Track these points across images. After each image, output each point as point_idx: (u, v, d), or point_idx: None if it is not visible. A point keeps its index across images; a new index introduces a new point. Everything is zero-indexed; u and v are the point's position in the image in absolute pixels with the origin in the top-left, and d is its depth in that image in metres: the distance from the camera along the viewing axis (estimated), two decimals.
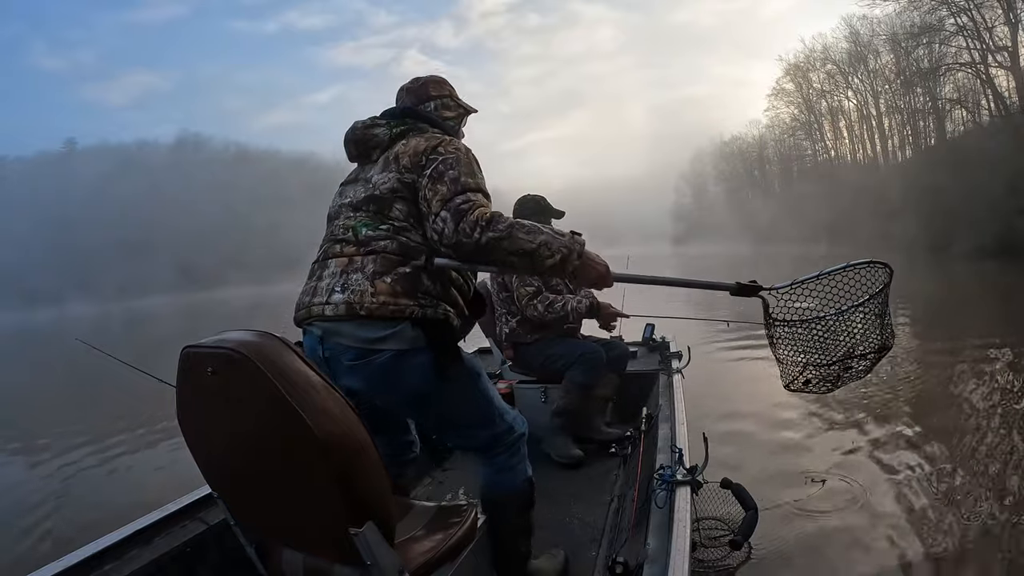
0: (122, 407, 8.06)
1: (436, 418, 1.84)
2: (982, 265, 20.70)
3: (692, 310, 10.69)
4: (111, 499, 4.99)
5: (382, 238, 1.67)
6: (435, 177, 1.66)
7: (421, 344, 1.64)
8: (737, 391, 5.94)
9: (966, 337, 7.84)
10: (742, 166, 73.32)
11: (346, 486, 1.17)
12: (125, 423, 7.37)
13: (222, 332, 1.26)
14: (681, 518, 1.74)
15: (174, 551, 1.78)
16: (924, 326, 10.13)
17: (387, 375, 1.64)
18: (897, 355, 6.61)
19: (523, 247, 1.56)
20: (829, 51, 51.56)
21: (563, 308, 3.27)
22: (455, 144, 1.75)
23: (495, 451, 1.85)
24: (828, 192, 47.60)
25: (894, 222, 32.07)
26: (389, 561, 1.25)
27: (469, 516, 1.63)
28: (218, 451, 1.36)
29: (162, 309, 42.07)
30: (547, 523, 2.55)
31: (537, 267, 1.61)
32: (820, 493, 3.45)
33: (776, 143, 65.69)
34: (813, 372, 1.85)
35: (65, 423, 8.14)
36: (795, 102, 59.03)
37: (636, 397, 3.61)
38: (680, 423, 2.57)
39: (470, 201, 1.60)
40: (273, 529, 1.43)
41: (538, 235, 1.58)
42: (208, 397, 1.26)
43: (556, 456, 3.20)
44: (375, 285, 1.61)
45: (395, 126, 1.86)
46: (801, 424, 4.74)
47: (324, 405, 1.16)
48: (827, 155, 56.79)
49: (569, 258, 1.60)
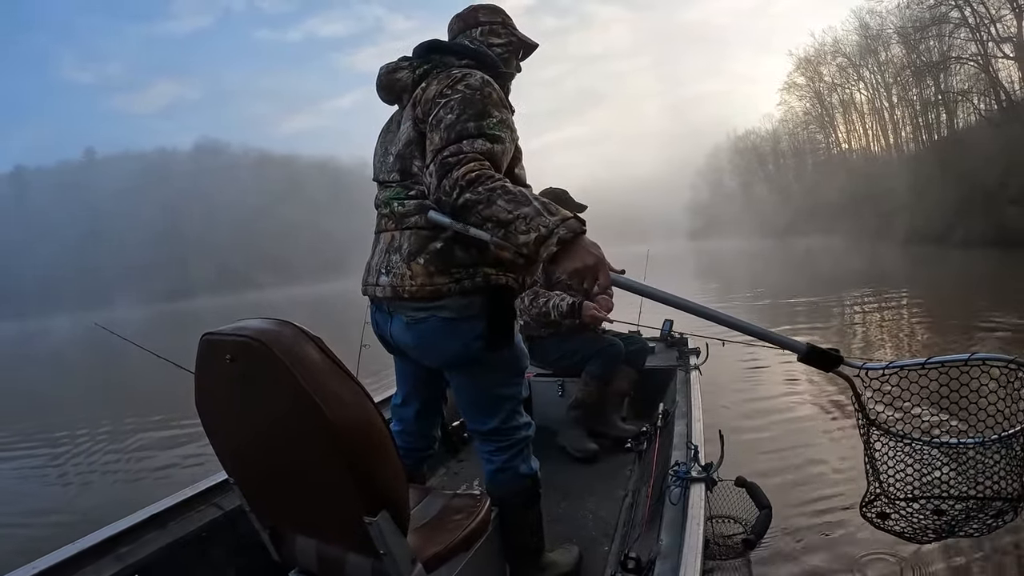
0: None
1: (466, 391, 1.82)
2: (975, 254, 21.11)
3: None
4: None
5: (412, 213, 1.65)
6: (434, 124, 1.54)
7: (470, 313, 1.63)
8: (755, 389, 5.89)
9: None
10: (756, 160, 73.60)
11: (361, 475, 1.17)
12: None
13: (241, 320, 1.26)
14: (695, 515, 1.72)
15: (189, 535, 1.80)
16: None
17: (435, 336, 1.66)
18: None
19: (498, 215, 1.41)
20: (839, 44, 51.79)
21: (545, 305, 3.22)
22: (467, 80, 1.59)
23: (499, 446, 1.83)
24: (841, 185, 47.88)
25: (899, 213, 32.79)
26: (402, 550, 1.25)
27: (483, 507, 1.63)
28: (235, 437, 1.37)
29: (205, 311, 42.46)
30: (561, 517, 2.55)
31: (510, 239, 1.42)
32: (836, 492, 3.42)
33: (790, 136, 66.09)
34: (910, 509, 1.46)
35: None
36: (807, 96, 59.36)
37: (653, 393, 3.59)
38: (696, 420, 2.56)
39: (460, 153, 1.46)
40: (287, 516, 1.44)
41: (521, 206, 1.41)
42: (226, 384, 1.27)
43: (571, 449, 3.19)
44: (411, 267, 1.62)
45: (418, 66, 1.76)
46: (820, 422, 4.70)
47: (341, 394, 1.16)
48: (839, 148, 57.01)
49: (546, 240, 1.39)
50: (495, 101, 1.58)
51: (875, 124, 50.97)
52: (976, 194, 25.28)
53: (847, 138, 55.95)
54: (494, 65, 1.77)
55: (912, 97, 43.09)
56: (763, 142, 72.14)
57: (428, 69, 1.73)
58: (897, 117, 47.27)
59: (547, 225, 1.39)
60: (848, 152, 55.40)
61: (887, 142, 49.03)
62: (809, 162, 62.50)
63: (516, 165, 1.73)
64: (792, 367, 6.05)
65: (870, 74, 49.57)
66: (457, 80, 1.59)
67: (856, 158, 53.04)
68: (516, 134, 1.67)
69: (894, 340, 8.27)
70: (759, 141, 73.02)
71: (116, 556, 1.63)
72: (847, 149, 55.84)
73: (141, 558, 1.65)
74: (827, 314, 11.09)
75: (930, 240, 27.29)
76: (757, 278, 20.17)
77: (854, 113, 53.70)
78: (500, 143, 1.54)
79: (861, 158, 52.07)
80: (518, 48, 1.91)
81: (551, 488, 2.60)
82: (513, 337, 1.73)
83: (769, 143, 70.72)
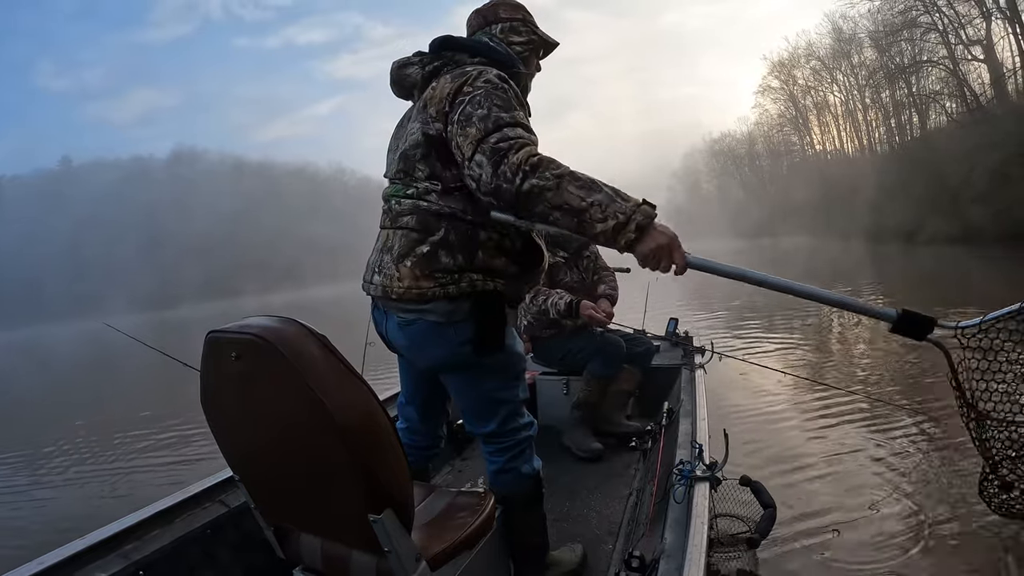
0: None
1: (462, 394, 1.81)
2: (941, 250, 21.97)
3: (715, 313, 10.62)
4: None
5: (406, 212, 1.63)
6: (463, 121, 1.48)
7: (457, 318, 1.61)
8: (761, 387, 5.88)
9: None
10: (732, 162, 74.64)
11: (366, 473, 1.17)
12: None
13: (246, 318, 1.27)
14: (699, 514, 1.72)
15: (194, 532, 1.80)
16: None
17: (423, 339, 1.66)
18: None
19: (570, 202, 1.36)
20: (813, 47, 52.58)
21: (544, 303, 3.22)
22: (485, 76, 1.55)
23: (499, 447, 1.82)
24: (814, 186, 48.55)
25: (869, 213, 33.44)
26: (407, 548, 1.25)
27: (487, 505, 1.63)
28: (240, 435, 1.37)
29: (193, 317, 42.59)
30: (565, 515, 2.55)
31: (585, 230, 1.38)
32: (842, 491, 3.41)
33: (765, 139, 67.05)
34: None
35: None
36: (781, 98, 60.20)
37: (658, 392, 3.58)
38: (701, 419, 2.55)
39: (509, 139, 1.41)
40: (292, 513, 1.44)
41: (594, 192, 1.37)
42: (231, 382, 1.27)
43: (575, 450, 3.18)
44: (399, 269, 1.60)
45: (428, 62, 1.72)
46: (827, 420, 4.69)
47: (345, 392, 1.16)
48: (813, 149, 58.01)
49: (625, 227, 1.36)
50: (514, 95, 1.55)
51: (848, 126, 51.91)
52: (943, 194, 26.07)
53: (821, 140, 57.13)
54: (509, 63, 1.74)
55: (884, 99, 43.84)
56: (738, 144, 73.29)
57: (439, 66, 1.70)
58: (870, 119, 48.17)
59: (624, 211, 1.37)
60: (823, 153, 56.44)
61: (860, 143, 49.83)
62: (784, 164, 63.47)
63: None
64: (796, 363, 6.08)
65: (843, 77, 50.46)
66: (475, 77, 1.55)
67: (830, 159, 53.92)
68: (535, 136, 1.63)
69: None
70: (734, 144, 74.22)
71: (122, 553, 1.63)
72: (821, 151, 56.97)
73: (147, 555, 1.66)
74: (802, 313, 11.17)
75: (899, 238, 28.14)
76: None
77: (828, 115, 54.70)
78: (532, 133, 1.50)
79: (835, 159, 52.96)
80: (539, 47, 1.87)
81: (556, 486, 2.61)
82: (504, 342, 1.70)
83: (744, 145, 71.88)
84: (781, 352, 7.23)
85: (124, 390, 12.58)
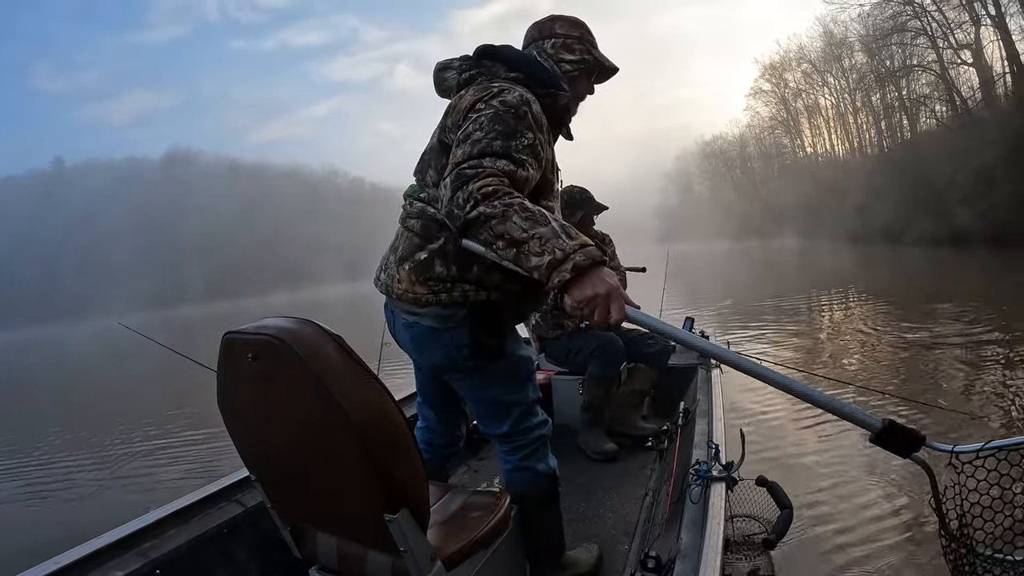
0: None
1: (470, 397, 1.82)
2: (926, 252, 22.93)
3: (729, 315, 10.56)
4: None
5: (415, 215, 1.64)
6: (462, 139, 1.44)
7: (452, 324, 1.61)
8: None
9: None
10: (724, 164, 75.24)
11: (381, 473, 1.17)
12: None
13: (262, 319, 1.27)
14: (715, 514, 1.71)
15: (211, 531, 1.81)
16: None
17: (424, 341, 1.67)
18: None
19: (511, 232, 1.27)
20: (804, 51, 52.96)
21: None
22: (503, 96, 1.50)
23: (514, 446, 1.81)
24: (805, 188, 49.00)
25: (858, 215, 34.15)
26: (423, 548, 1.25)
27: (503, 504, 1.63)
28: (256, 435, 1.38)
29: (196, 318, 42.90)
30: (581, 515, 2.55)
31: (521, 262, 1.29)
32: (859, 493, 3.38)
33: (756, 141, 67.50)
34: None
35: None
36: (772, 101, 60.59)
37: (674, 391, 3.56)
38: (718, 419, 2.53)
39: (480, 168, 1.35)
40: (308, 513, 1.45)
41: (539, 226, 1.28)
42: (248, 382, 1.28)
43: (589, 451, 3.17)
44: (399, 271, 1.62)
45: (465, 69, 1.69)
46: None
47: (362, 392, 1.16)
48: (804, 152, 58.37)
49: (561, 265, 1.25)
50: (529, 123, 1.49)
51: (839, 128, 52.27)
52: (930, 196, 26.58)
53: (812, 142, 57.59)
54: (549, 82, 1.68)
55: (875, 103, 44.20)
56: (730, 147, 73.87)
57: (473, 75, 1.68)
58: (860, 122, 48.38)
59: (563, 248, 1.26)
60: (814, 156, 56.80)
61: (850, 146, 50.12)
62: (775, 166, 63.88)
63: (544, 196, 1.63)
64: (813, 365, 6.02)
65: (834, 80, 50.78)
66: (493, 95, 1.51)
67: (821, 162, 54.28)
68: (548, 159, 1.59)
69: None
70: (726, 146, 74.80)
71: (139, 551, 1.65)
72: (812, 153, 57.34)
73: (164, 553, 1.67)
74: (794, 313, 11.22)
75: (887, 239, 28.76)
76: (723, 277, 21.37)
77: (819, 118, 55.14)
78: (524, 168, 1.44)
79: (825, 161, 53.36)
80: (592, 68, 1.80)
81: (572, 486, 2.60)
82: (505, 349, 1.68)
83: (736, 148, 72.36)
84: (799, 352, 7.21)
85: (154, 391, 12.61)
